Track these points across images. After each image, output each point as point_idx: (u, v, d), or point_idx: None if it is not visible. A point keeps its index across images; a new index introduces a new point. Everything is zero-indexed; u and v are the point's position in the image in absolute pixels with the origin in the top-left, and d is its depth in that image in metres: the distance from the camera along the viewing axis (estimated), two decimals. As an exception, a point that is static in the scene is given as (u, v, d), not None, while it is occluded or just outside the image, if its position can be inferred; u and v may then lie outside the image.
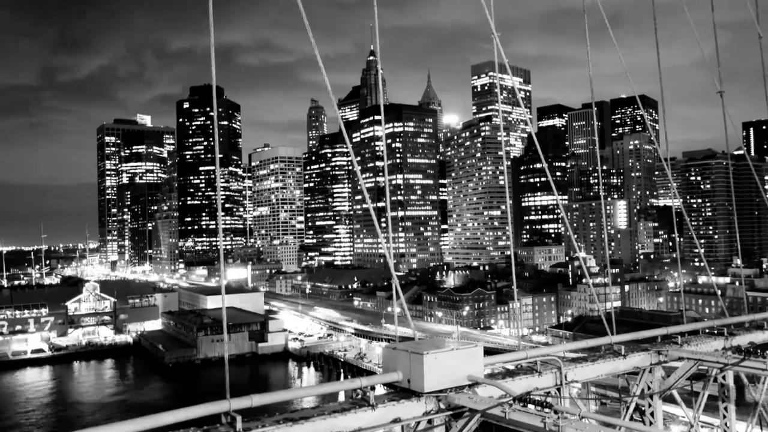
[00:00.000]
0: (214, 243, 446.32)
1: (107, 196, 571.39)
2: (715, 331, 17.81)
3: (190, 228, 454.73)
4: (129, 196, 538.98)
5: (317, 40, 13.44)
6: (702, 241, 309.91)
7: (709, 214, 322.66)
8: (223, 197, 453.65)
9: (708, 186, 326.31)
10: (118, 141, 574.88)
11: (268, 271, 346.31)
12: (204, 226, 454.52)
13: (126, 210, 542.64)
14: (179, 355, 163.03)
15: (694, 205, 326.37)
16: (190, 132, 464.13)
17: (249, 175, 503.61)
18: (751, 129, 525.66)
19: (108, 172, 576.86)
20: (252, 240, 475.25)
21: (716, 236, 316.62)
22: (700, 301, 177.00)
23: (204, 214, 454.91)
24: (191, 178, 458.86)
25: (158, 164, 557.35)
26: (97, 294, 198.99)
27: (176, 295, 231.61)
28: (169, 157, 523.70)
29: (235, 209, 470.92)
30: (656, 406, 14.48)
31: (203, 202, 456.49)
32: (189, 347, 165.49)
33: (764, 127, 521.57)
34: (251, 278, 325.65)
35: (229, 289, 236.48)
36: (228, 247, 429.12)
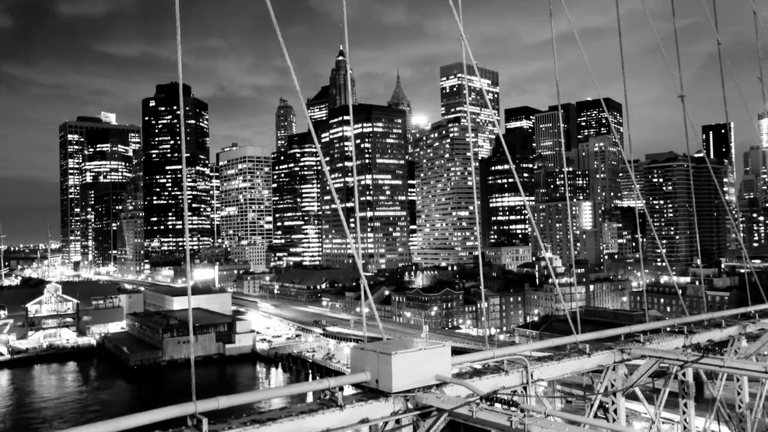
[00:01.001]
0: (180, 243, 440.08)
1: (70, 196, 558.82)
2: (676, 330, 18.25)
3: (155, 228, 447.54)
4: (93, 195, 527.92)
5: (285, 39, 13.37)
6: (664, 241, 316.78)
7: (671, 215, 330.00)
8: (190, 197, 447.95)
9: (670, 188, 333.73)
10: (82, 139, 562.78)
11: (235, 271, 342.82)
12: (170, 226, 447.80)
13: (90, 209, 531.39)
14: (144, 357, 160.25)
15: (657, 207, 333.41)
16: (157, 131, 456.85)
17: (217, 174, 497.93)
18: (711, 132, 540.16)
19: (71, 171, 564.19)
20: (219, 240, 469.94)
21: (677, 237, 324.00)
22: (662, 301, 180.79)
23: (170, 213, 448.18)
24: (157, 177, 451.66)
25: (123, 163, 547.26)
26: (59, 295, 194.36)
27: (141, 296, 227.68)
28: (134, 155, 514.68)
29: (202, 209, 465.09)
30: (619, 403, 14.76)
31: (169, 201, 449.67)
32: (154, 349, 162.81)
33: (722, 131, 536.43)
34: (218, 279, 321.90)
35: (196, 289, 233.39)
36: (195, 247, 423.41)
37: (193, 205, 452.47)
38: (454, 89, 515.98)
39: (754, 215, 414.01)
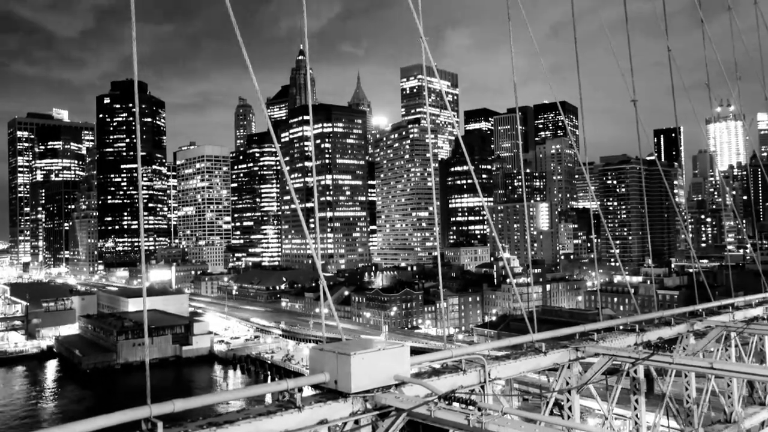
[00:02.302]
0: (135, 243, 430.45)
1: (19, 195, 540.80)
2: (629, 328, 18.74)
3: (110, 228, 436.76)
4: (44, 194, 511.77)
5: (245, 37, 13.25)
6: (617, 242, 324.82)
7: (624, 216, 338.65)
8: (146, 196, 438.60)
9: (623, 189, 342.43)
10: (32, 136, 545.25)
11: (193, 272, 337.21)
12: (125, 226, 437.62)
13: (40, 209, 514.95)
14: (98, 360, 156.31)
15: (611, 208, 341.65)
16: (111, 128, 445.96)
17: (174, 174, 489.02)
18: (662, 136, 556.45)
19: (20, 169, 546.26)
20: (176, 241, 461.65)
21: (630, 237, 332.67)
22: (615, 300, 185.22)
23: (125, 213, 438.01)
24: (112, 176, 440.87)
25: (76, 161, 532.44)
26: (6, 297, 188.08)
27: (95, 297, 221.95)
28: (88, 154, 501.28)
29: (158, 209, 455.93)
30: (574, 400, 15.06)
31: (125, 201, 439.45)
32: (108, 352, 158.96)
33: (673, 135, 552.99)
34: (175, 280, 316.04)
35: (152, 290, 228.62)
36: (151, 247, 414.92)
37: (150, 205, 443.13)
38: (414, 90, 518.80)
39: (702, 216, 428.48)
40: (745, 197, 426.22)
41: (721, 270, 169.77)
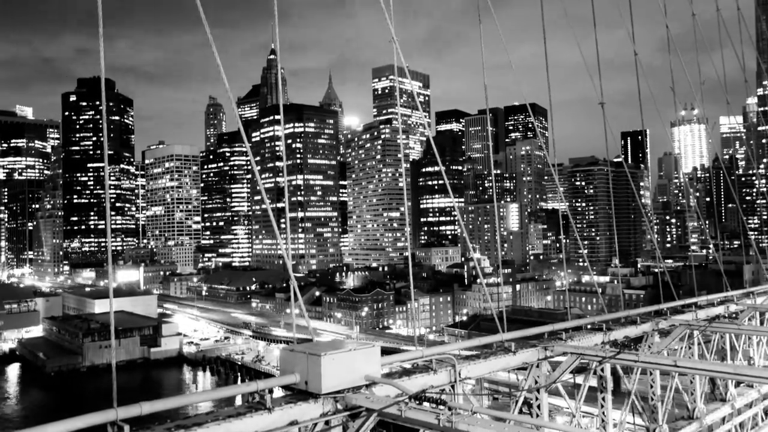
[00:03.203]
0: (102, 244, 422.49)
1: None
2: (596, 327, 19.05)
3: (76, 228, 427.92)
4: (6, 193, 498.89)
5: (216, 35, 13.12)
6: (586, 242, 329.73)
7: (592, 217, 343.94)
8: (114, 196, 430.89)
9: (591, 191, 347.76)
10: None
11: (162, 272, 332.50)
12: (92, 226, 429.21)
13: (3, 208, 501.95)
14: (63, 362, 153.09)
15: (579, 209, 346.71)
16: (78, 126, 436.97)
17: (142, 173, 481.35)
18: (629, 138, 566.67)
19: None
20: (145, 241, 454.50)
21: (598, 238, 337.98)
22: (584, 299, 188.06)
23: (92, 213, 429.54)
24: (78, 175, 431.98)
25: (40, 160, 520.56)
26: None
27: (60, 299, 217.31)
28: (53, 152, 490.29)
29: (126, 208, 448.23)
30: (542, 398, 15.26)
31: (91, 200, 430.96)
32: (74, 354, 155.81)
33: (639, 137, 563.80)
34: (144, 280, 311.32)
35: (119, 292, 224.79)
36: (119, 248, 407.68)
37: (117, 205, 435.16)
38: (386, 91, 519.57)
39: (667, 218, 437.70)
40: (708, 199, 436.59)
41: (685, 270, 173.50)
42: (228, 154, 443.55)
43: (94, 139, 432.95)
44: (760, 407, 23.48)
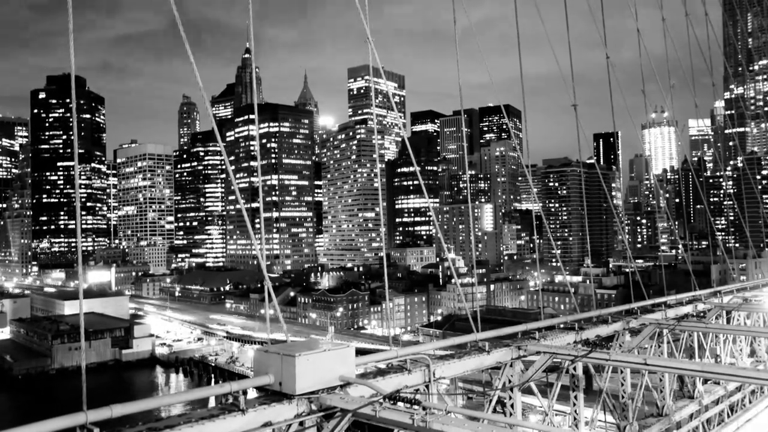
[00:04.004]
0: (73, 244, 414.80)
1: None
2: (569, 326, 19.28)
3: (45, 228, 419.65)
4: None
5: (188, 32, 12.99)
6: (559, 242, 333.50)
7: (565, 217, 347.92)
8: (84, 195, 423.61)
9: (564, 192, 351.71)
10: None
11: (134, 273, 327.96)
12: (62, 226, 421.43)
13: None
14: (31, 365, 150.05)
15: (552, 209, 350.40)
16: (47, 124, 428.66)
17: (114, 172, 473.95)
18: (601, 140, 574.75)
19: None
20: (117, 241, 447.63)
21: (571, 238, 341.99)
22: (557, 299, 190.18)
23: (62, 213, 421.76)
24: (47, 174, 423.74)
25: (8, 158, 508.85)
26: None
27: (28, 300, 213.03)
28: (21, 150, 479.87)
29: (97, 208, 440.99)
30: (516, 397, 15.39)
31: (61, 200, 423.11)
32: (43, 357, 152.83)
33: (611, 139, 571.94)
34: (115, 281, 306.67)
35: (90, 293, 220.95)
36: (89, 248, 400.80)
37: (88, 204, 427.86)
38: (362, 91, 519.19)
39: (638, 218, 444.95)
40: (677, 200, 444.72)
41: (655, 270, 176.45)
42: (202, 154, 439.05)
43: (65, 137, 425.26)
44: (726, 404, 24.01)
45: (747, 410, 25.08)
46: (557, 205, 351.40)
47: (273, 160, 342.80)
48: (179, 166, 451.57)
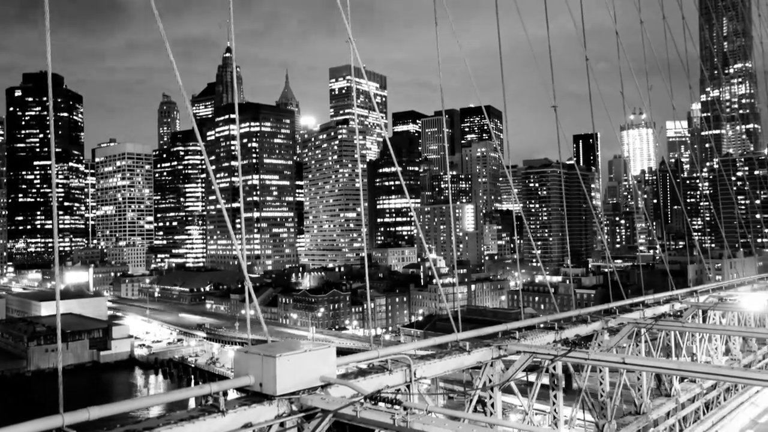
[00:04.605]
0: (49, 244, 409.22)
1: None
2: (549, 326, 19.44)
3: (21, 228, 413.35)
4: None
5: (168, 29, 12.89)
6: (539, 242, 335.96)
7: (545, 218, 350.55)
8: (62, 194, 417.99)
9: (544, 192, 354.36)
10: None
11: (112, 274, 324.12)
12: (38, 226, 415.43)
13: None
14: (6, 367, 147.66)
15: (533, 210, 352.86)
16: (23, 123, 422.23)
17: (92, 171, 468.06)
18: (580, 141, 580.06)
19: None
20: (95, 241, 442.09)
21: (551, 238, 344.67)
22: (537, 299, 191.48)
23: (38, 212, 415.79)
24: (24, 173, 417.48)
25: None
26: None
27: (3, 301, 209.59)
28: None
29: (75, 208, 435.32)
30: (496, 397, 15.47)
31: (38, 199, 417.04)
32: (18, 359, 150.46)
33: (591, 141, 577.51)
34: (93, 282, 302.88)
35: (67, 293, 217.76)
36: (67, 248, 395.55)
37: (65, 204, 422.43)
38: (343, 91, 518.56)
39: (617, 219, 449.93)
40: (655, 201, 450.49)
41: (633, 270, 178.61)
42: (182, 153, 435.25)
43: (41, 136, 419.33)
44: (701, 401, 24.37)
45: (722, 408, 25.49)
46: (537, 205, 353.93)
47: (254, 160, 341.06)
48: (159, 165, 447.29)
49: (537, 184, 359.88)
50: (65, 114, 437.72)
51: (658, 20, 40.38)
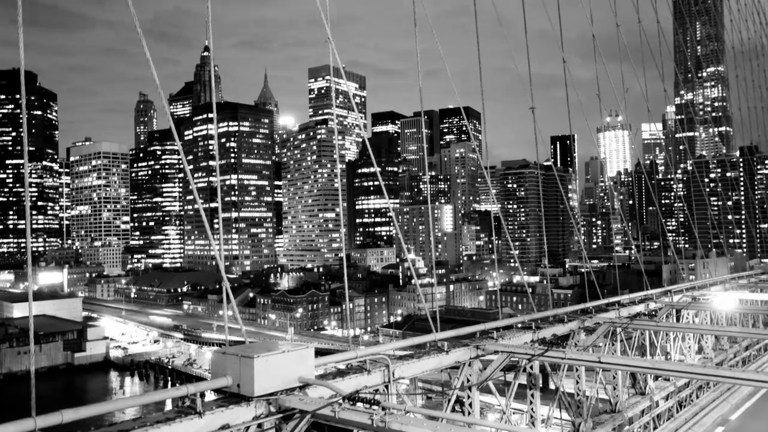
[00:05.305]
0: (22, 244, 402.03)
1: None
2: (526, 326, 19.59)
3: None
4: None
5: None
6: (517, 243, 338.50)
7: (523, 218, 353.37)
8: (35, 194, 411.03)
9: (522, 193, 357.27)
10: None
11: (88, 274, 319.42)
12: (11, 226, 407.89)
13: None
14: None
15: (511, 210, 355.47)
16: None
17: (67, 170, 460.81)
18: (558, 143, 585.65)
19: None
20: (69, 241, 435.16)
21: (529, 239, 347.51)
22: (515, 299, 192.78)
23: (11, 212, 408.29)
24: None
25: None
26: None
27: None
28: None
29: (49, 208, 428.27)
30: (474, 397, 15.54)
31: (10, 199, 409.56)
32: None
33: (568, 142, 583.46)
34: (68, 283, 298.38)
35: (41, 295, 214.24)
36: (40, 248, 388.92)
37: (39, 203, 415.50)
38: (322, 91, 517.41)
39: (593, 219, 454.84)
40: (630, 202, 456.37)
41: (610, 270, 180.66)
42: (159, 153, 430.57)
43: (14, 134, 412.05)
44: (675, 399, 24.76)
45: (694, 405, 25.91)
46: (515, 206, 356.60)
47: (232, 160, 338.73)
48: (135, 165, 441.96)
49: (515, 185, 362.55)
50: (39, 112, 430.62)
51: (634, 22, 40.95)
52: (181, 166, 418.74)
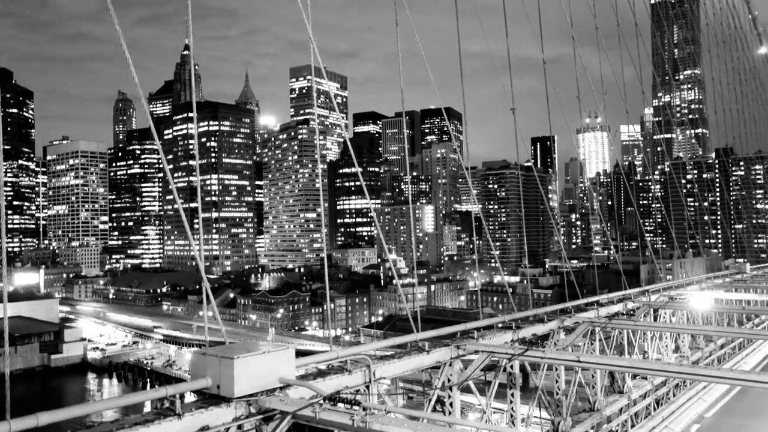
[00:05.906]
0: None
1: None
2: (506, 326, 19.71)
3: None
4: None
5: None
6: (497, 243, 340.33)
7: (504, 219, 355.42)
8: (11, 193, 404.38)
9: (503, 194, 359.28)
10: None
11: (65, 275, 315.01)
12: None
13: None
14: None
15: (492, 211, 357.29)
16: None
17: (44, 170, 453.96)
18: (538, 144, 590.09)
19: None
20: (46, 241, 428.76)
21: (509, 239, 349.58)
22: (495, 299, 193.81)
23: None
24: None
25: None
26: None
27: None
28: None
29: (25, 207, 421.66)
30: (455, 396, 15.61)
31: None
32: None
33: (548, 143, 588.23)
34: (44, 283, 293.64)
35: (16, 296, 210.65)
36: (16, 249, 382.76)
37: (14, 203, 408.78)
38: (304, 91, 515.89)
39: (573, 220, 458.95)
40: (609, 203, 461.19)
41: (589, 270, 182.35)
42: (138, 152, 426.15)
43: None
44: (652, 397, 25.07)
45: (671, 403, 26.26)
46: (496, 206, 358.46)
47: (213, 160, 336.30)
48: (114, 164, 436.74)
49: (496, 186, 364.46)
50: (15, 110, 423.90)
51: (613, 25, 41.42)
52: (161, 166, 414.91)
